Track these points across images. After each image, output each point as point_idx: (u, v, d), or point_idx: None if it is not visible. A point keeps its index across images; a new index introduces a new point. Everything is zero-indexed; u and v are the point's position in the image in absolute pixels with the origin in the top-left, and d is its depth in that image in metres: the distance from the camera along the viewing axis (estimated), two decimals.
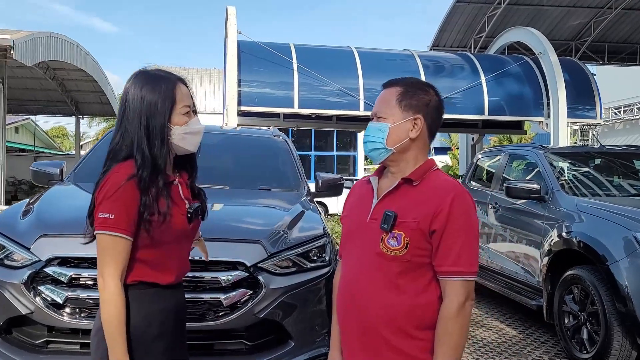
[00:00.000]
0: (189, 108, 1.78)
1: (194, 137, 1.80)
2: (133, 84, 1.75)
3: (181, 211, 1.77)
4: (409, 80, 1.76)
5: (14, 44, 13.81)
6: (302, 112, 10.91)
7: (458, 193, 1.62)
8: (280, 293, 2.71)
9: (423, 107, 1.71)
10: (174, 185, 1.78)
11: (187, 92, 1.81)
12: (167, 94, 1.73)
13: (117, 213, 1.62)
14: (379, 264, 1.64)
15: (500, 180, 6.15)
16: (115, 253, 1.62)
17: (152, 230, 1.67)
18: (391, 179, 1.73)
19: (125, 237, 1.63)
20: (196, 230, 1.92)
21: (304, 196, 3.86)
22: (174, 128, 1.74)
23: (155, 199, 1.67)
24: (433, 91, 1.75)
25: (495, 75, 11.91)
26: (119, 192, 1.63)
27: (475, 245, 1.63)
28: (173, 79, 1.78)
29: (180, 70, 25.91)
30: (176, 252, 1.78)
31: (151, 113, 1.71)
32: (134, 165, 1.68)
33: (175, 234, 1.74)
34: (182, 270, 1.86)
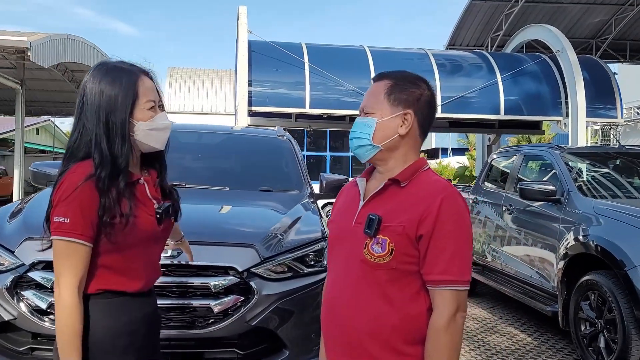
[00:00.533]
0: (153, 103, 1.65)
1: (160, 133, 1.67)
2: (92, 76, 1.62)
3: (149, 212, 1.65)
4: (399, 73, 1.63)
5: (31, 46, 13.93)
6: (314, 112, 10.79)
7: (448, 195, 1.48)
8: (274, 299, 2.59)
9: (414, 101, 1.57)
10: (139, 184, 1.66)
11: (152, 85, 1.68)
12: (128, 88, 1.60)
13: (73, 216, 1.50)
14: (364, 272, 1.51)
15: (515, 182, 5.96)
16: (72, 260, 1.50)
17: (115, 234, 1.54)
18: (379, 180, 1.60)
19: (83, 243, 1.51)
20: (168, 232, 1.78)
21: (305, 197, 3.73)
22: (138, 124, 1.62)
23: (117, 200, 1.55)
24: (425, 85, 1.62)
25: (512, 74, 11.65)
26: (75, 194, 1.50)
27: (467, 251, 1.49)
28: (135, 71, 1.65)
29: (195, 72, 26.04)
30: (144, 256, 1.65)
31: (111, 108, 1.58)
32: (92, 164, 1.56)
33: (142, 237, 1.62)
34: (152, 276, 1.73)
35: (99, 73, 1.62)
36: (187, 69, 26.36)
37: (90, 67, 7.01)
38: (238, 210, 3.33)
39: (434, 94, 1.64)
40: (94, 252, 1.54)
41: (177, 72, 25.85)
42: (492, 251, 6.15)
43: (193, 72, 26.09)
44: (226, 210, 3.25)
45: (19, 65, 16.89)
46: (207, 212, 3.15)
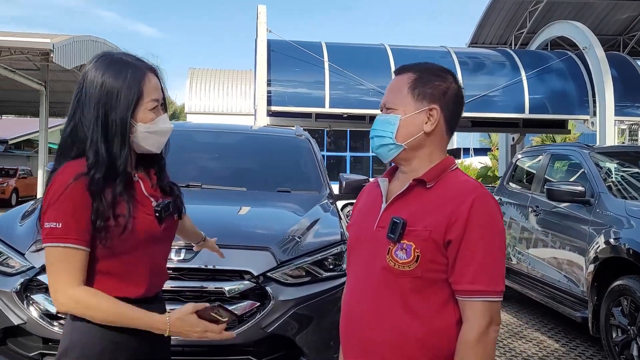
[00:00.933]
0: (157, 103, 1.51)
1: (159, 137, 1.54)
2: (93, 66, 1.47)
3: (147, 211, 1.51)
4: (423, 65, 1.50)
5: (54, 48, 14.09)
6: (333, 111, 10.67)
7: (479, 196, 1.35)
8: (291, 305, 2.48)
9: (439, 96, 1.45)
10: (134, 181, 1.53)
11: (157, 84, 1.54)
12: (133, 84, 1.46)
13: (65, 221, 1.37)
14: (386, 280, 1.38)
15: (542, 182, 5.78)
16: (69, 267, 1.38)
17: (111, 238, 1.42)
18: (402, 181, 1.47)
19: (79, 247, 1.39)
20: (171, 232, 1.64)
21: (324, 198, 3.62)
22: (138, 125, 1.48)
23: (111, 204, 1.42)
24: (451, 77, 1.49)
25: (537, 72, 11.38)
26: (64, 196, 1.38)
27: (501, 258, 1.36)
28: (142, 67, 1.51)
29: (215, 72, 26.13)
30: (146, 259, 1.52)
31: (112, 104, 1.44)
32: (85, 163, 1.42)
33: (142, 239, 1.48)
34: (157, 280, 1.59)
35: (102, 64, 1.48)
36: (208, 70, 26.49)
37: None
38: (254, 212, 3.23)
39: (461, 87, 1.51)
40: (90, 257, 1.42)
41: (198, 72, 25.99)
42: (517, 253, 5.98)
43: (213, 73, 26.21)
44: (242, 211, 3.15)
45: (43, 67, 17.14)
46: (223, 214, 3.06)
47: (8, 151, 28.18)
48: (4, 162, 24.78)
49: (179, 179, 3.59)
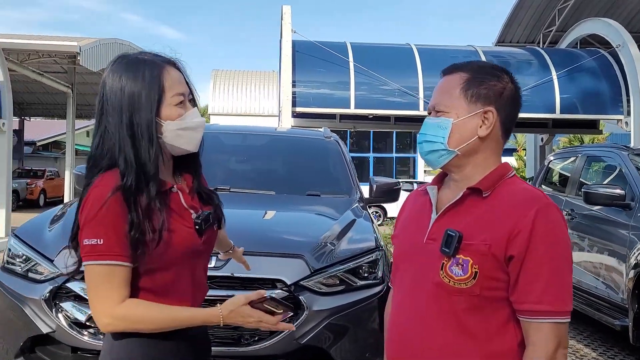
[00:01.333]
0: (182, 97, 1.42)
1: (192, 133, 1.43)
2: (111, 72, 1.39)
3: (186, 224, 1.43)
4: (476, 64, 1.38)
5: (81, 51, 14.27)
6: (359, 112, 10.55)
7: (543, 207, 1.23)
8: (325, 315, 2.38)
9: (495, 97, 1.33)
10: (172, 193, 1.44)
11: (179, 77, 1.44)
12: (152, 81, 1.37)
13: (106, 236, 1.30)
14: (439, 298, 1.27)
15: (577, 185, 5.60)
16: (112, 284, 1.30)
17: (149, 253, 1.34)
18: (454, 189, 1.36)
19: (123, 264, 1.31)
20: (211, 244, 1.56)
21: (355, 202, 3.52)
22: (166, 123, 1.39)
23: (146, 214, 1.34)
24: (507, 77, 1.37)
25: (568, 71, 11.09)
26: (104, 211, 1.30)
27: (568, 275, 1.23)
28: (159, 62, 1.41)
29: (238, 74, 26.20)
30: (187, 274, 1.44)
31: (134, 107, 1.36)
32: (118, 173, 1.35)
33: (183, 253, 1.41)
34: (199, 295, 1.51)
35: (119, 67, 1.39)
36: (231, 71, 26.56)
37: None
38: (285, 217, 3.14)
39: (518, 87, 1.39)
40: (132, 274, 1.34)
41: (221, 74, 26.09)
42: None
43: (236, 74, 26.28)
44: (273, 216, 3.06)
45: (70, 70, 17.39)
46: (252, 219, 2.97)
47: (36, 153, 28.70)
48: (33, 164, 25.24)
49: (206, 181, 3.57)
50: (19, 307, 2.36)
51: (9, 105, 10.94)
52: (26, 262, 2.50)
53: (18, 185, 19.56)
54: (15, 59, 14.59)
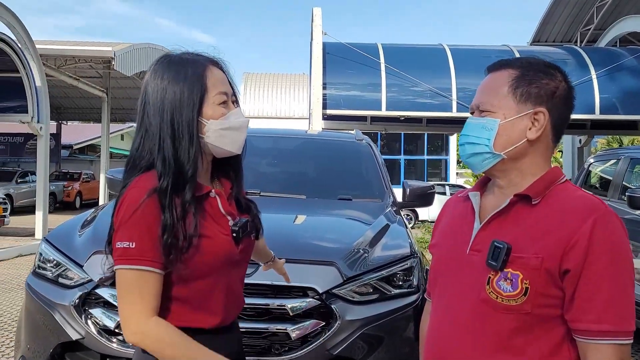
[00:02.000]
0: (226, 96, 1.37)
1: (235, 133, 1.37)
2: (153, 72, 1.36)
3: (224, 231, 1.37)
4: (526, 60, 1.27)
5: (115, 56, 14.53)
6: (390, 114, 10.42)
7: (601, 216, 1.11)
8: (359, 325, 2.28)
9: (547, 97, 1.22)
10: (210, 197, 1.38)
11: (223, 76, 1.40)
12: (194, 80, 1.33)
13: (140, 240, 1.24)
14: (485, 315, 1.17)
15: (619, 188, 5.37)
16: (143, 291, 1.24)
17: (183, 259, 1.28)
18: (498, 196, 1.26)
19: (154, 270, 1.25)
20: (248, 254, 1.48)
21: (388, 207, 3.41)
22: (209, 123, 1.34)
23: (181, 217, 1.28)
24: (560, 75, 1.26)
25: (608, 70, 10.73)
26: (139, 213, 1.25)
27: (630, 292, 1.11)
28: (202, 61, 1.37)
29: (269, 77, 26.31)
30: (222, 284, 1.37)
31: (176, 106, 1.31)
32: (156, 176, 1.30)
33: (218, 261, 1.34)
34: (234, 308, 1.44)
35: (161, 67, 1.35)
36: (262, 74, 26.72)
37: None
38: (316, 222, 3.05)
39: (572, 86, 1.28)
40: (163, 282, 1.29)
41: (252, 77, 26.26)
42: None
43: (267, 77, 26.42)
44: (303, 221, 2.99)
45: (105, 75, 17.74)
46: (282, 224, 2.90)
47: (73, 156, 29.38)
48: (69, 167, 25.85)
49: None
50: (49, 313, 2.35)
51: (46, 109, 11.18)
52: (57, 267, 2.48)
53: (55, 188, 20.04)
54: (53, 65, 14.95)
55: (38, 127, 10.81)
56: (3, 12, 9.70)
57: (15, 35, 10.18)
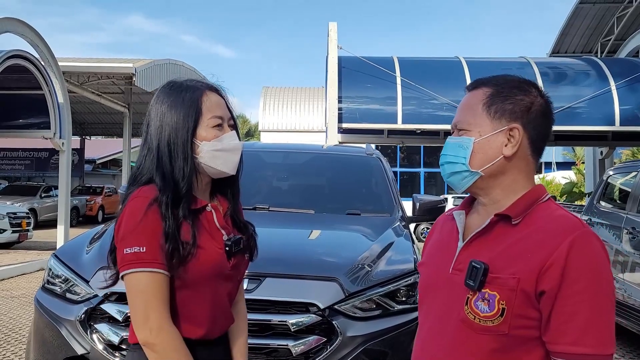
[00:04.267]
0: (220, 120, 1.46)
1: (228, 155, 1.46)
2: (157, 97, 1.48)
3: (217, 244, 1.44)
4: (501, 78, 1.27)
5: (136, 72, 14.83)
6: (406, 127, 10.39)
7: (580, 236, 1.09)
8: (361, 342, 2.28)
9: (522, 112, 1.21)
10: (206, 211, 1.46)
11: (219, 101, 1.49)
12: (191, 104, 1.43)
13: (149, 244, 1.31)
14: (465, 336, 1.16)
15: (638, 201, 5.25)
16: (158, 293, 1.31)
17: (178, 268, 1.35)
18: (482, 215, 1.25)
19: (166, 273, 1.33)
20: (240, 272, 1.54)
21: (397, 221, 3.40)
22: (202, 144, 1.43)
23: (178, 228, 1.36)
24: (536, 91, 1.25)
25: (628, 81, 10.55)
26: (145, 220, 1.33)
27: (609, 314, 1.09)
28: (200, 87, 1.47)
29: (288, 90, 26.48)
30: (210, 296, 1.42)
31: (173, 128, 1.42)
32: (156, 188, 1.39)
33: (209, 272, 1.40)
34: (221, 322, 1.48)
35: (163, 93, 1.47)
36: (281, 88, 26.94)
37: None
38: (322, 237, 3.06)
39: (549, 101, 1.26)
40: None
41: (271, 91, 26.49)
42: None
43: (286, 91, 26.62)
44: (309, 236, 3.00)
45: (127, 90, 18.08)
46: (289, 239, 2.92)
47: (96, 170, 29.91)
48: (92, 181, 26.31)
49: (246, 200, 3.52)
50: (55, 328, 2.39)
51: (68, 125, 11.42)
52: (65, 282, 2.53)
53: (78, 202, 20.37)
54: (76, 82, 15.30)
55: (60, 143, 11.04)
56: (27, 30, 9.98)
57: (38, 53, 10.45)
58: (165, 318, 1.32)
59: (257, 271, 2.35)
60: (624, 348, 5.35)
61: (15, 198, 17.38)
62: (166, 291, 1.33)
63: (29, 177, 23.95)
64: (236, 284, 1.54)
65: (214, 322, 1.44)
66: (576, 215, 1.19)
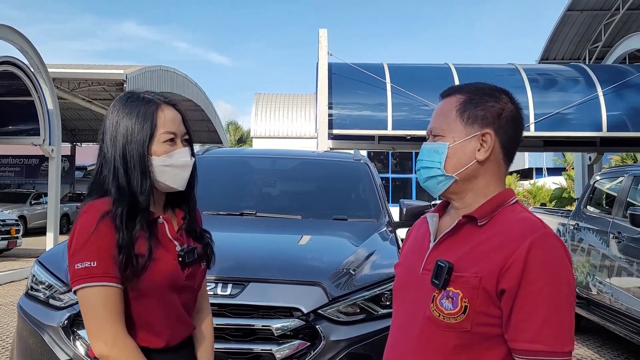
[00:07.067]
0: (173, 135, 1.47)
1: (177, 171, 1.47)
2: (112, 107, 1.48)
3: (170, 255, 1.45)
4: (474, 85, 1.32)
5: (127, 78, 14.78)
6: (396, 133, 10.43)
7: (539, 237, 1.14)
8: (344, 346, 2.29)
9: (494, 118, 1.26)
10: (159, 223, 1.47)
11: (175, 116, 1.49)
12: (146, 118, 1.44)
13: (100, 258, 1.32)
14: (430, 333, 1.20)
15: (624, 206, 5.31)
16: (111, 309, 1.32)
17: (132, 280, 1.36)
18: (454, 217, 1.29)
19: (118, 286, 1.33)
20: (195, 281, 1.54)
21: (383, 226, 3.42)
22: (152, 159, 1.44)
23: (133, 241, 1.37)
24: (507, 97, 1.30)
25: (615, 87, 10.66)
26: (95, 235, 1.33)
27: (568, 311, 1.13)
28: (156, 101, 1.48)
29: (279, 97, 26.50)
30: (165, 306, 1.43)
31: (127, 140, 1.43)
32: (110, 201, 1.39)
33: (163, 283, 1.41)
34: (179, 330, 1.49)
35: (119, 103, 1.48)
36: (272, 95, 26.96)
37: (182, 96, 7.05)
38: (307, 242, 3.07)
39: (519, 107, 1.31)
40: None
41: (263, 97, 26.52)
42: (598, 283, 5.49)
43: (278, 97, 26.65)
44: (294, 242, 3.01)
45: None
46: (274, 244, 2.93)
47: (87, 177, 29.74)
48: (83, 188, 26.12)
49: (233, 206, 3.55)
50: (38, 334, 2.38)
51: (58, 132, 11.38)
52: (48, 288, 2.52)
53: (68, 209, 20.23)
54: (67, 88, 15.23)
55: (50, 149, 10.99)
56: (16, 37, 9.96)
57: (28, 59, 10.42)
58: (119, 330, 1.33)
59: (241, 276, 2.36)
60: (611, 352, 5.39)
61: (4, 205, 17.21)
62: (120, 303, 1.34)
63: (19, 184, 23.78)
64: (194, 293, 1.55)
65: (171, 330, 1.46)
66: (539, 218, 1.23)
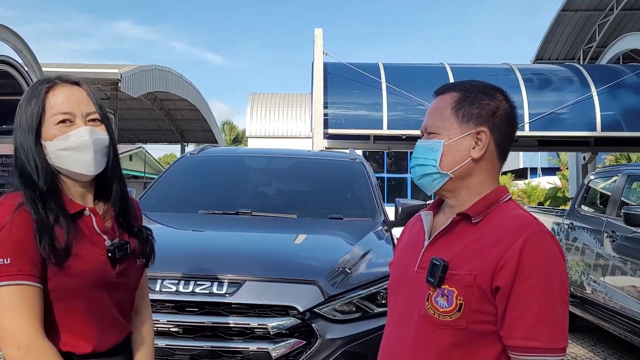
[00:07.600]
0: (67, 115, 1.33)
1: (76, 153, 1.32)
2: (23, 95, 1.38)
3: (99, 251, 1.34)
4: (468, 83, 1.33)
5: (122, 77, 14.76)
6: (391, 133, 10.45)
7: (533, 234, 1.15)
8: (340, 344, 2.30)
9: (488, 116, 1.27)
10: (85, 216, 1.36)
11: (71, 95, 1.35)
12: (36, 102, 1.33)
13: (14, 254, 1.21)
14: (426, 331, 1.20)
15: (618, 205, 5.34)
16: (27, 308, 1.20)
17: (53, 276, 1.25)
18: (448, 215, 1.30)
19: (34, 285, 1.22)
20: (130, 279, 1.42)
21: (379, 225, 3.43)
22: (45, 144, 1.33)
23: (52, 232, 1.26)
24: (501, 95, 1.31)
25: (609, 87, 10.71)
26: (7, 229, 1.23)
27: (562, 308, 1.14)
28: (49, 81, 1.36)
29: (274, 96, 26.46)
30: (95, 306, 1.31)
31: (22, 128, 1.33)
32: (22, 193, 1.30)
33: (89, 281, 1.29)
34: (111, 334, 1.36)
35: (26, 91, 1.38)
36: (268, 94, 26.92)
37: (177, 96, 6.88)
38: (302, 241, 3.08)
39: (514, 106, 1.32)
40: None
41: (258, 97, 26.48)
42: (592, 282, 5.52)
43: (273, 97, 26.62)
44: (290, 241, 3.01)
45: (113, 96, 17.96)
46: (269, 243, 2.93)
47: None
48: None
49: (229, 205, 3.55)
50: None
51: None
52: None
53: None
54: None
55: None
56: (10, 36, 9.91)
57: (22, 59, 10.37)
58: (37, 334, 1.21)
59: (237, 275, 2.36)
60: (605, 351, 5.42)
61: None
62: (37, 304, 1.23)
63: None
64: (129, 292, 1.44)
65: (101, 334, 1.33)
66: (532, 215, 1.24)
